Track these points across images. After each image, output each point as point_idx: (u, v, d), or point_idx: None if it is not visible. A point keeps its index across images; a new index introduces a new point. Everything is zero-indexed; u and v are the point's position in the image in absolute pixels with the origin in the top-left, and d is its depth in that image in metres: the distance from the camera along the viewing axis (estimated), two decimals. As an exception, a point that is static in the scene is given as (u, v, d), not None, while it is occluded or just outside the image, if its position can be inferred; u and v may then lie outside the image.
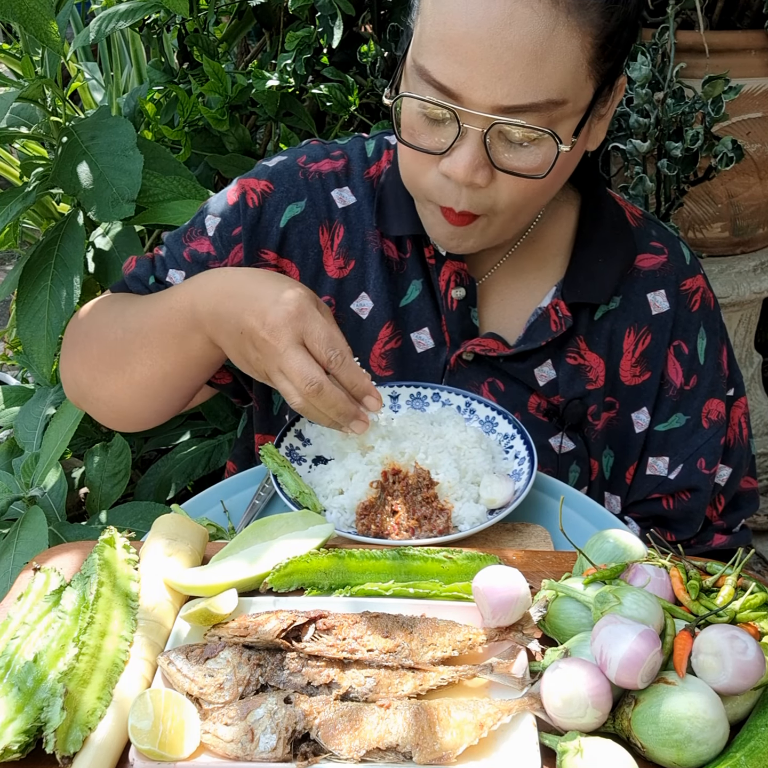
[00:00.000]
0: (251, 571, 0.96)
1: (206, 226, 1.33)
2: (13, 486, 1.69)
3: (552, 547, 1.12)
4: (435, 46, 1.06)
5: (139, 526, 1.70)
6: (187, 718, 0.80)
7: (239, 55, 2.57)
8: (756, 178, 2.33)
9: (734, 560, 0.91)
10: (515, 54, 1.02)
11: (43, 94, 1.86)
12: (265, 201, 1.31)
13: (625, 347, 1.32)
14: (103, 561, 0.94)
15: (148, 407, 1.32)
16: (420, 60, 1.08)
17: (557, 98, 1.06)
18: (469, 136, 1.08)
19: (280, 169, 1.33)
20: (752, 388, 2.73)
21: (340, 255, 1.32)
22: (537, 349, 1.29)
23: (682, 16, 2.13)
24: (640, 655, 0.77)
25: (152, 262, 1.36)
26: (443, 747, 0.78)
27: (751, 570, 1.00)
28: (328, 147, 1.37)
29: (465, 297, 1.29)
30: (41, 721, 0.78)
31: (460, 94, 1.06)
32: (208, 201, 1.37)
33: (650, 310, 1.32)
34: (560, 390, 1.31)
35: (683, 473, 1.34)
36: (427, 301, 1.31)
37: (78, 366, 1.34)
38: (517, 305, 1.33)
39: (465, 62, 1.04)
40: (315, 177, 1.33)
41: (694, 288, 1.34)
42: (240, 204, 1.31)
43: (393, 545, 1.03)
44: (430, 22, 1.07)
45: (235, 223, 1.31)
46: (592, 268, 1.30)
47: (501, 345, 1.29)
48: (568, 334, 1.30)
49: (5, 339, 2.59)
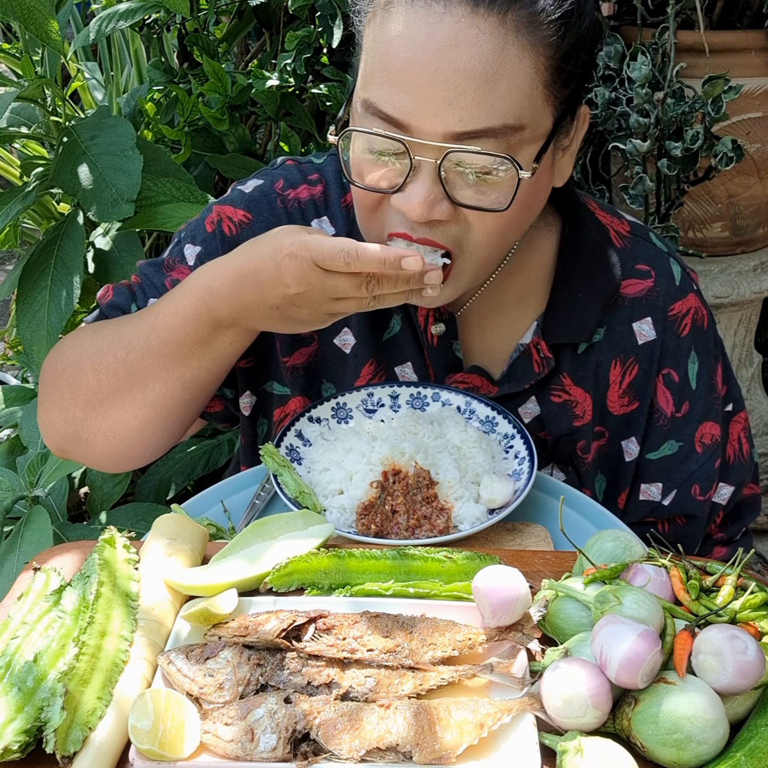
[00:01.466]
0: (251, 571, 0.96)
1: (185, 255, 1.28)
2: (17, 485, 1.69)
3: (552, 547, 1.12)
4: (379, 77, 1.02)
5: (140, 527, 1.70)
6: (187, 718, 0.80)
7: (239, 55, 2.57)
8: (756, 178, 2.33)
9: (734, 560, 0.91)
10: (464, 77, 0.97)
11: (43, 93, 1.86)
12: (243, 231, 1.26)
13: (612, 379, 1.28)
14: (103, 561, 0.94)
15: (155, 433, 1.23)
16: (364, 93, 1.04)
17: (514, 123, 1.01)
18: (423, 169, 1.02)
19: (257, 196, 1.28)
20: (752, 388, 2.73)
21: None
22: (520, 390, 1.26)
23: (682, 15, 2.13)
24: (640, 655, 0.77)
25: (131, 291, 1.30)
26: (443, 747, 0.78)
27: (751, 570, 1.00)
28: (305, 169, 1.31)
29: (446, 332, 1.26)
30: (41, 720, 0.78)
31: (409, 124, 1.00)
32: (184, 228, 1.33)
33: (636, 339, 1.27)
34: (546, 427, 1.28)
35: (677, 499, 1.31)
36: (408, 335, 1.29)
37: (68, 402, 1.22)
38: (499, 338, 1.29)
39: (411, 90, 0.99)
40: (294, 205, 1.27)
41: (684, 311, 1.28)
42: (217, 232, 1.27)
43: (393, 545, 1.03)
44: (372, 54, 1.03)
45: (215, 252, 1.25)
46: (573, 304, 1.25)
47: (486, 382, 1.27)
48: (551, 373, 1.26)
49: (5, 339, 2.59)
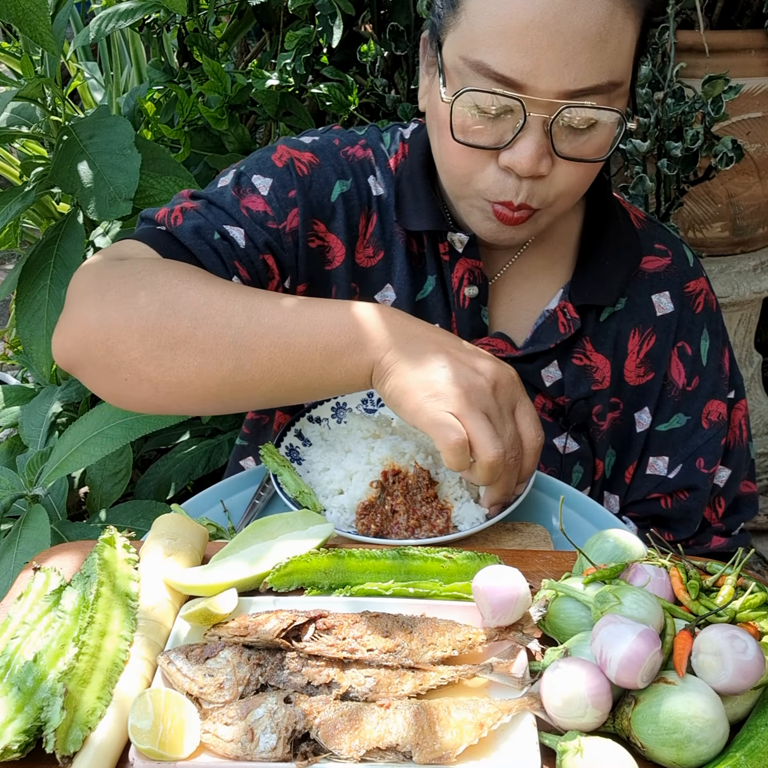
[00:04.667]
0: (251, 571, 0.96)
1: (256, 185, 1.23)
2: (17, 483, 1.69)
3: (552, 547, 1.12)
4: (494, 39, 1.05)
5: (139, 525, 1.71)
6: (187, 718, 0.80)
7: (239, 55, 2.57)
8: (756, 178, 2.33)
9: (734, 560, 0.91)
10: (582, 38, 1.03)
11: (42, 93, 1.86)
12: (314, 171, 1.26)
13: (630, 348, 1.32)
14: (103, 561, 0.93)
15: (210, 407, 1.13)
16: (475, 56, 1.06)
17: (617, 79, 1.07)
18: (532, 126, 1.07)
19: (322, 145, 1.29)
20: (752, 388, 2.73)
21: (370, 244, 1.30)
22: (545, 351, 1.29)
23: (682, 15, 2.13)
24: (640, 655, 0.77)
25: (201, 216, 1.18)
26: (443, 747, 0.78)
27: (751, 570, 1.00)
28: (352, 135, 1.33)
29: (477, 295, 1.28)
30: (41, 720, 0.78)
31: (525, 84, 1.05)
32: (242, 163, 1.27)
33: (655, 311, 1.32)
34: (566, 391, 1.31)
35: (682, 473, 1.35)
36: (440, 297, 1.30)
37: (130, 335, 1.05)
38: (525, 306, 1.33)
39: (530, 51, 1.03)
40: (354, 160, 1.29)
41: (697, 290, 1.35)
42: (291, 168, 1.25)
43: (393, 545, 1.03)
44: (485, 16, 1.05)
45: (290, 186, 1.23)
46: (599, 270, 1.30)
47: (509, 346, 1.29)
48: (575, 335, 1.30)
49: (5, 339, 2.59)
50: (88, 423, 1.66)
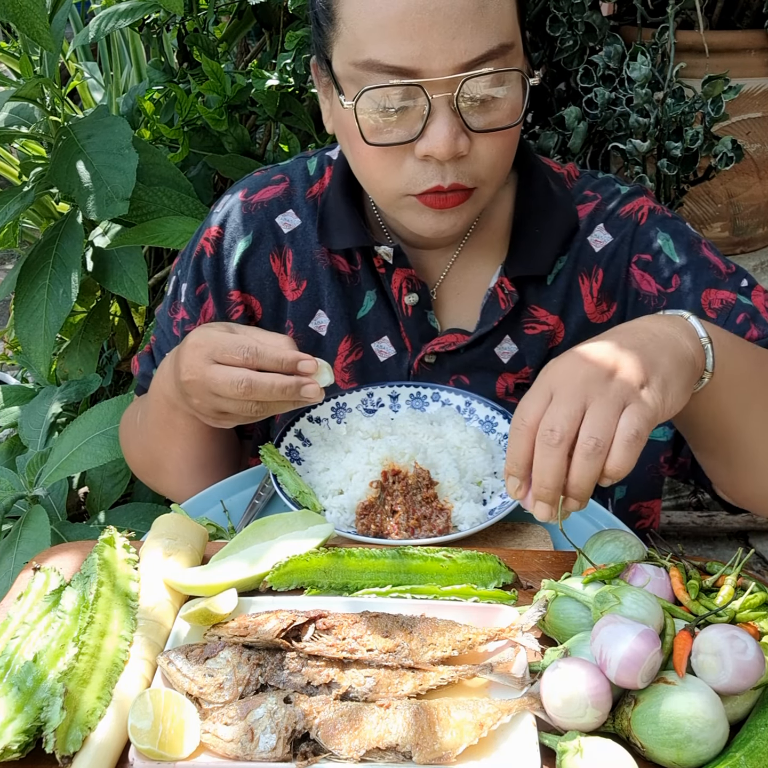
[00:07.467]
0: (251, 571, 0.96)
1: (181, 293, 1.38)
2: (17, 484, 1.69)
3: (552, 547, 1.12)
4: (377, 34, 1.05)
5: (139, 526, 1.70)
6: (187, 718, 0.80)
7: (239, 55, 2.56)
8: (756, 178, 2.33)
9: (734, 560, 0.91)
10: (461, 9, 1.03)
11: (41, 93, 1.86)
12: (219, 246, 1.34)
13: (584, 293, 1.30)
14: (103, 561, 0.93)
15: (208, 477, 1.36)
16: (364, 56, 1.07)
17: (507, 41, 1.08)
18: (438, 108, 1.07)
19: (227, 210, 1.36)
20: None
21: (293, 278, 1.34)
22: (492, 329, 1.29)
23: (682, 15, 2.12)
24: (640, 655, 0.77)
25: (151, 355, 1.44)
26: (443, 747, 0.78)
27: (751, 570, 1.00)
28: (270, 172, 1.38)
29: (419, 302, 1.30)
30: (41, 720, 0.78)
31: (419, 68, 1.05)
32: (179, 261, 1.41)
33: (593, 249, 1.30)
34: (527, 361, 1.31)
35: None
36: (383, 309, 1.32)
37: (137, 464, 1.50)
38: (471, 294, 1.33)
39: (415, 35, 1.04)
40: (257, 208, 1.35)
41: (636, 208, 1.30)
42: (200, 259, 1.35)
43: (393, 545, 1.03)
44: (360, 17, 1.06)
45: (197, 282, 1.35)
46: (532, 240, 1.29)
47: (460, 336, 1.30)
48: (518, 307, 1.29)
49: (5, 339, 2.59)
50: (88, 423, 1.66)
